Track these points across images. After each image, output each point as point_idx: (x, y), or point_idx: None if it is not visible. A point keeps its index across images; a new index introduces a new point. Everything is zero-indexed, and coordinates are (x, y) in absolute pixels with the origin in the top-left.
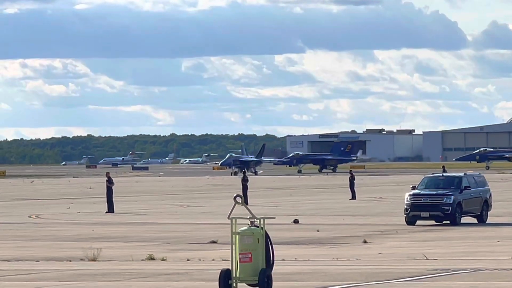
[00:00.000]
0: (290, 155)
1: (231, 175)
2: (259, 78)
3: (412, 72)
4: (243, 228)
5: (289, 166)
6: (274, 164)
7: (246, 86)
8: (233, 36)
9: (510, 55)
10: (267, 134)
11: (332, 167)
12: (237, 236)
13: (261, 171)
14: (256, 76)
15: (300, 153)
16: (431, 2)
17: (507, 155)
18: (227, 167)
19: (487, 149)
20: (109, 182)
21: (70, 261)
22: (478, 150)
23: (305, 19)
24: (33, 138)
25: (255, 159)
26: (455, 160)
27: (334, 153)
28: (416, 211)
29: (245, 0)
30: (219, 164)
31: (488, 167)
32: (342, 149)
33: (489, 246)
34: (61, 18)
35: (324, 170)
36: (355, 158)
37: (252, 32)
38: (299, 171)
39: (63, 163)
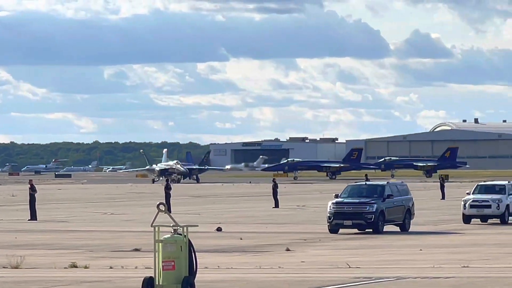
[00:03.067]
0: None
1: (152, 182)
2: (182, 86)
3: (335, 81)
4: (166, 236)
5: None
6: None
7: (169, 94)
8: (156, 43)
9: (432, 64)
10: (190, 142)
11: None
12: (160, 244)
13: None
14: (179, 84)
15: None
16: (354, 10)
17: (414, 163)
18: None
19: (392, 158)
20: (32, 189)
21: None
22: (383, 159)
23: (228, 27)
24: None
25: (198, 167)
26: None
27: None
28: (339, 220)
29: (168, 8)
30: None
31: (393, 175)
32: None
33: (412, 254)
34: None
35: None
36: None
37: (174, 40)
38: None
39: None
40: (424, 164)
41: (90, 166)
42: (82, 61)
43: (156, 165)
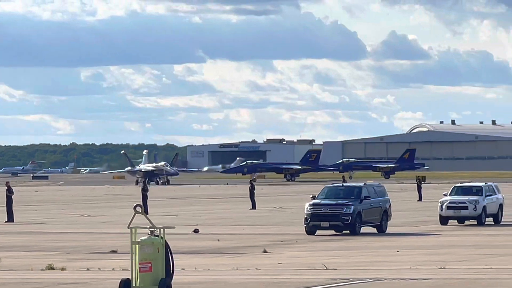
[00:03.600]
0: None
1: (136, 184)
2: (159, 87)
3: (312, 82)
4: (143, 238)
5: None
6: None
7: (146, 96)
8: (133, 45)
9: (409, 65)
10: (167, 144)
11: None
12: (137, 245)
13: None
14: (155, 86)
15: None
16: (331, 12)
17: (373, 165)
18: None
19: (350, 159)
20: (9, 191)
21: None
22: (341, 161)
23: (205, 29)
24: None
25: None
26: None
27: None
28: (316, 221)
29: (144, 9)
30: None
31: (351, 177)
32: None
33: (389, 256)
34: None
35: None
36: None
37: (151, 42)
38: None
39: None
40: (383, 166)
41: (67, 167)
42: (59, 63)
43: (139, 166)
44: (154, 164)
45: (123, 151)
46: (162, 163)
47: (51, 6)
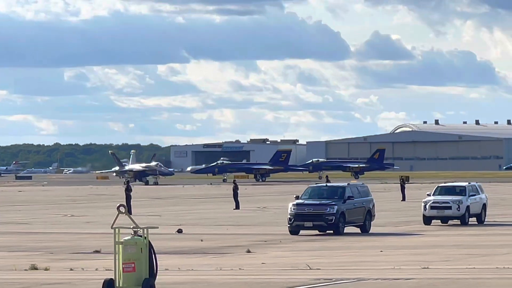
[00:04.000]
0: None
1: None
2: (142, 87)
3: (295, 82)
4: (126, 238)
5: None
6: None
7: (129, 96)
8: (116, 45)
9: (392, 65)
10: (151, 144)
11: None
12: (120, 245)
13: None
14: (139, 86)
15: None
16: (314, 12)
17: (343, 165)
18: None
19: (320, 159)
20: None
21: None
22: (310, 161)
23: (188, 29)
24: None
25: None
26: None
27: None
28: (300, 221)
29: (128, 10)
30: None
31: (321, 177)
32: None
33: (372, 256)
34: None
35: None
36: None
37: (135, 42)
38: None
39: None
40: (353, 166)
41: (50, 168)
42: (42, 63)
43: (128, 166)
44: (145, 164)
45: (111, 151)
46: (154, 163)
47: (35, 6)
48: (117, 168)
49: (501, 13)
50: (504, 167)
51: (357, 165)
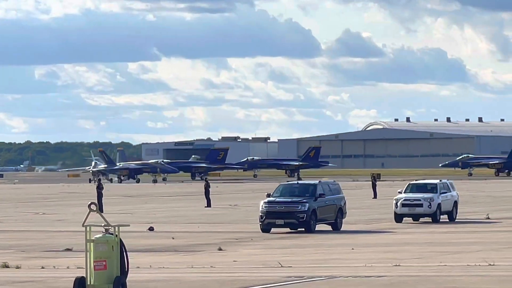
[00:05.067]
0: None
1: (94, 182)
2: (113, 85)
3: (266, 80)
4: (97, 236)
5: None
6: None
7: (100, 94)
8: (87, 43)
9: (363, 63)
10: (122, 142)
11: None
12: (92, 243)
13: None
14: (110, 84)
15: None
16: (285, 10)
17: (279, 163)
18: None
19: (255, 158)
20: None
21: None
22: (246, 159)
23: (159, 26)
24: None
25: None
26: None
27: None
28: (271, 219)
29: (98, 7)
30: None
31: (256, 175)
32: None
33: (344, 253)
34: None
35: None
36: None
37: (105, 40)
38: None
39: None
40: (288, 164)
41: (22, 166)
42: (13, 61)
43: (120, 164)
44: (142, 161)
45: (100, 148)
46: (153, 161)
47: (5, 5)
48: (104, 165)
49: (471, 10)
50: (440, 164)
51: (292, 163)
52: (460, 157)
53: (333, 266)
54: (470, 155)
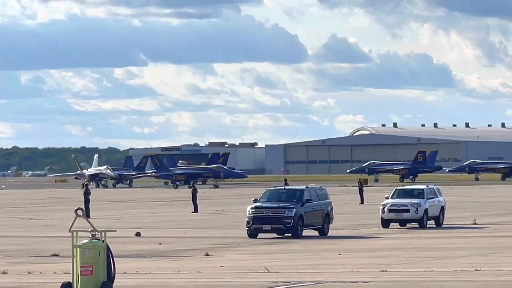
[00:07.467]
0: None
1: (83, 187)
2: (99, 91)
3: (253, 85)
4: (84, 241)
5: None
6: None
7: (86, 99)
8: (73, 48)
9: (349, 68)
10: (109, 147)
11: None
12: (78, 249)
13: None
14: (96, 89)
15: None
16: (272, 15)
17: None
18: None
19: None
20: None
21: None
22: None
23: (145, 32)
24: None
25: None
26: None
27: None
28: (258, 224)
29: (85, 13)
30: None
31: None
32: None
33: (331, 258)
34: None
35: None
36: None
37: (91, 45)
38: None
39: None
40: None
41: (9, 171)
42: None
43: (87, 170)
44: (97, 168)
45: (73, 155)
46: (104, 166)
47: None
48: (103, 167)
49: (457, 16)
50: (348, 171)
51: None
52: (366, 163)
53: (320, 271)
54: (376, 161)
